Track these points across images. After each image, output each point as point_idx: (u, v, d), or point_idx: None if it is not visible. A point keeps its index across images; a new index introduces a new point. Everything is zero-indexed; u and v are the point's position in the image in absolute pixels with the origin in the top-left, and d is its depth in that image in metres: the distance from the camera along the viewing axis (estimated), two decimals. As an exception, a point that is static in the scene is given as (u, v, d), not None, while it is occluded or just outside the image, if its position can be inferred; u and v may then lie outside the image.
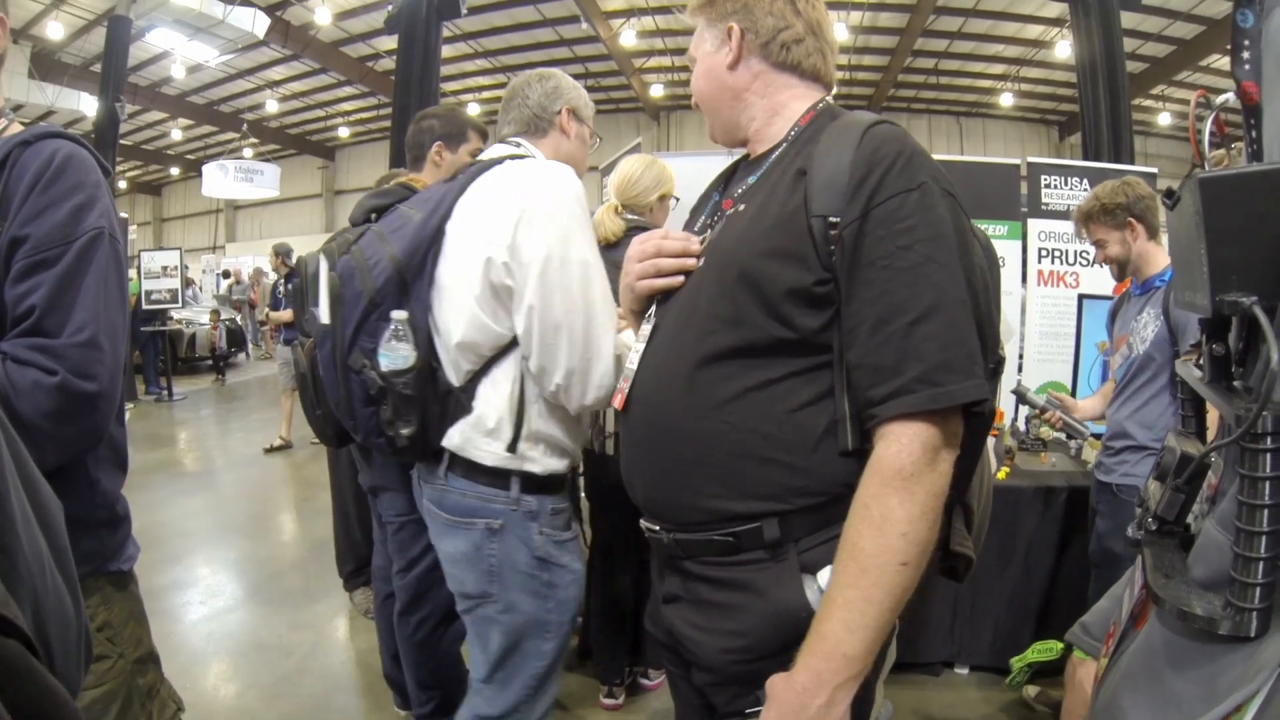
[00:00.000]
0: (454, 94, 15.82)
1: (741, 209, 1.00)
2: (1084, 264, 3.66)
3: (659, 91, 15.44)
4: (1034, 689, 2.53)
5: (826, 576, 0.89)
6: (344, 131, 18.71)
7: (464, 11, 8.22)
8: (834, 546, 0.87)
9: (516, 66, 14.73)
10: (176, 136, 17.94)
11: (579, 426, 1.46)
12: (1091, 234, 2.21)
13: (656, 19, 12.44)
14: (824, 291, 0.89)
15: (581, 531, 1.52)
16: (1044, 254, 3.71)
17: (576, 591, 1.45)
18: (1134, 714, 0.83)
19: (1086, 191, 3.29)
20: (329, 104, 16.99)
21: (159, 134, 17.96)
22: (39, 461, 0.55)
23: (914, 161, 0.87)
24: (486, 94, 16.44)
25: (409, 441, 1.37)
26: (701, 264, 1.01)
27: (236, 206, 21.71)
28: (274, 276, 6.56)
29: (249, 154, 17.60)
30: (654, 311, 1.07)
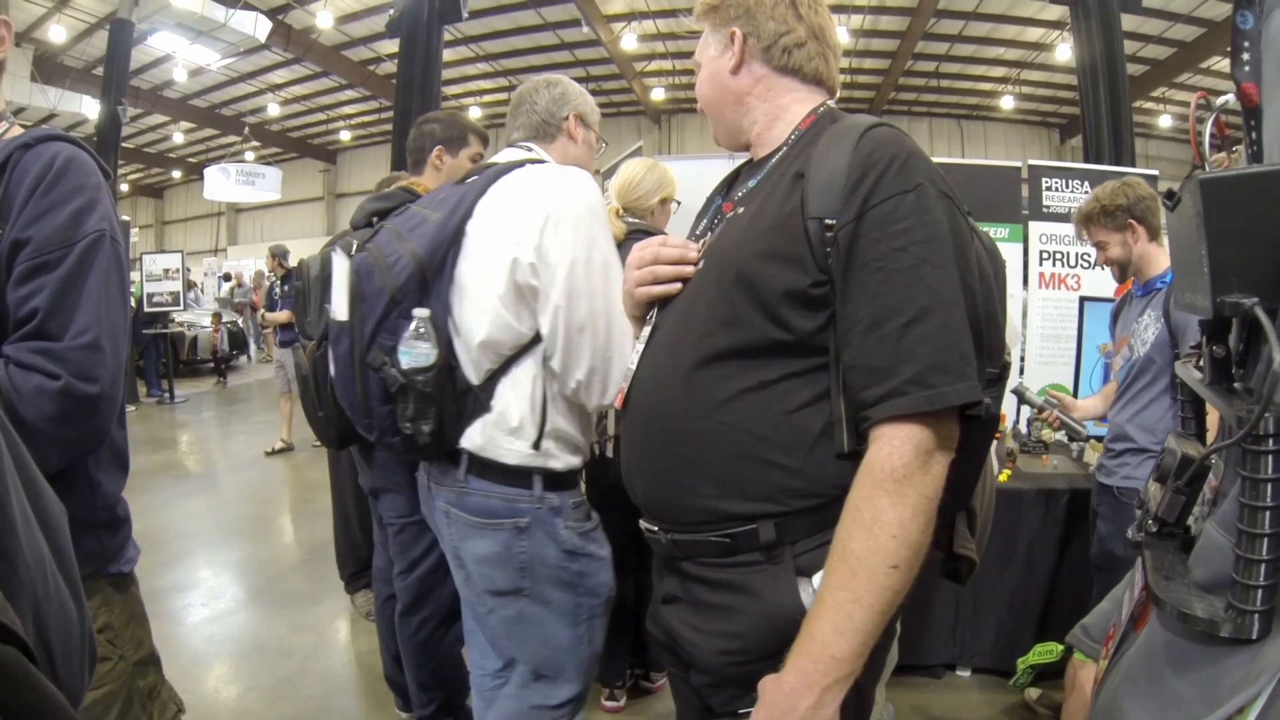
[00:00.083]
0: (455, 98, 15.84)
1: (741, 211, 1.00)
2: (1085, 266, 3.66)
3: (660, 95, 15.46)
4: (1036, 691, 2.53)
5: (821, 580, 0.89)
6: (345, 135, 18.75)
7: (465, 15, 8.24)
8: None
9: (518, 70, 14.77)
10: (178, 140, 17.98)
11: (590, 422, 1.49)
12: (1092, 236, 2.20)
13: (658, 23, 12.46)
14: (820, 293, 0.89)
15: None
16: (1045, 256, 3.72)
17: (606, 576, 1.49)
18: (1134, 716, 0.83)
19: (1087, 194, 3.28)
20: (330, 107, 17.02)
21: (161, 137, 17.99)
22: (41, 465, 0.55)
23: (910, 163, 0.87)
24: (488, 98, 16.47)
25: (431, 439, 1.38)
26: (701, 266, 1.02)
27: (238, 210, 21.73)
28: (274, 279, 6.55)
29: (251, 157, 17.59)
30: (654, 313, 1.07)
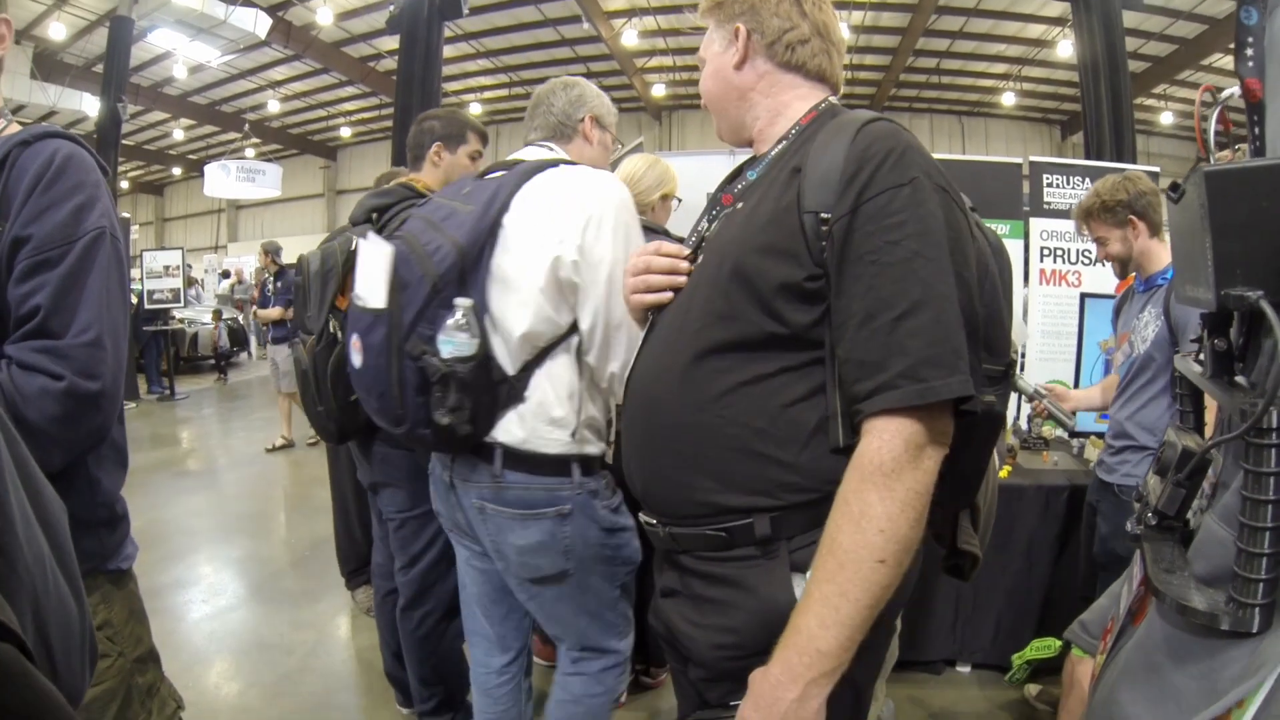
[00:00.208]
0: (456, 94, 15.82)
1: (739, 206, 1.01)
2: (1086, 263, 3.66)
3: (661, 91, 15.43)
4: (1035, 687, 2.53)
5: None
6: (346, 131, 18.73)
7: (465, 11, 8.24)
8: None
9: (518, 66, 14.76)
10: (178, 136, 17.96)
11: (610, 408, 1.55)
12: (1092, 231, 2.19)
13: (658, 19, 12.44)
14: (815, 287, 0.89)
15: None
16: (1046, 253, 3.71)
17: (637, 543, 1.54)
18: (1133, 709, 0.83)
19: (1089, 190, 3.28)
20: (331, 104, 17.00)
21: (161, 134, 17.97)
22: (44, 464, 0.55)
23: (906, 157, 0.87)
24: (488, 94, 16.46)
25: (472, 429, 1.39)
26: (700, 261, 1.02)
27: (238, 206, 21.73)
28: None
29: (251, 154, 17.61)
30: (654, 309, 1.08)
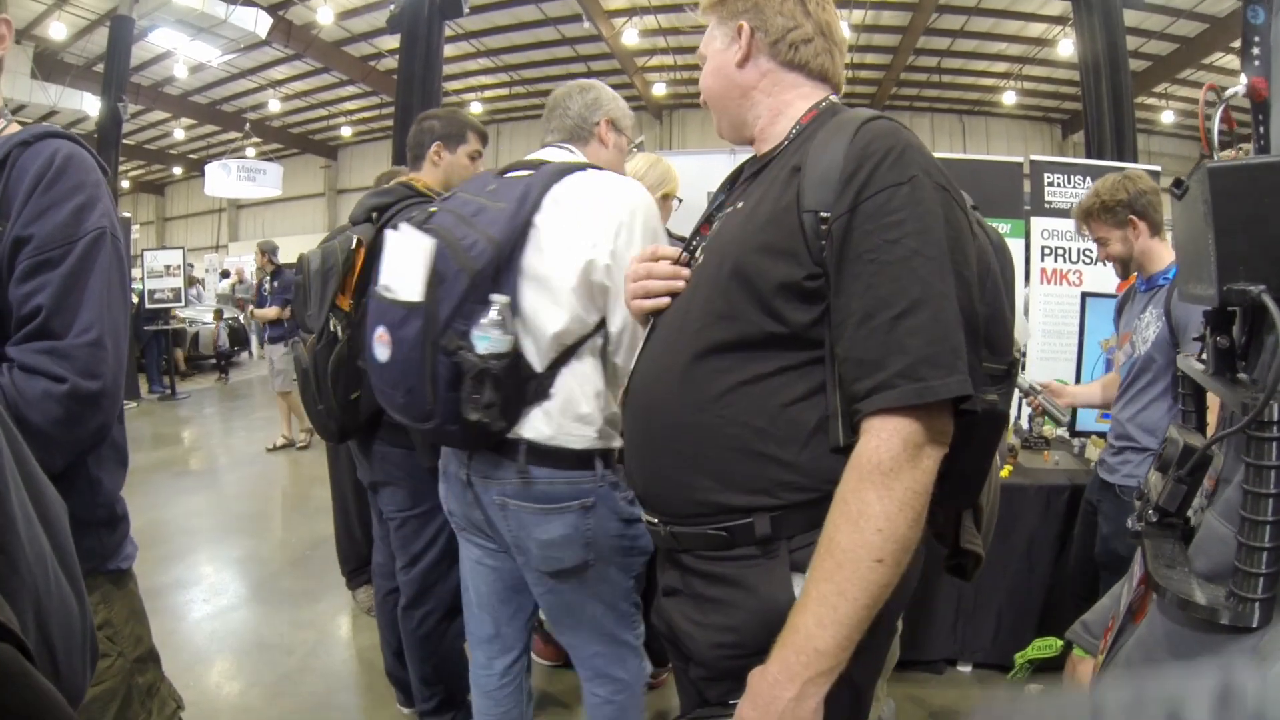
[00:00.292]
0: (456, 93, 15.82)
1: (740, 206, 1.01)
2: (1087, 262, 3.65)
3: (661, 90, 15.43)
4: (1036, 686, 2.52)
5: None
6: (346, 131, 18.73)
7: (466, 10, 8.24)
8: None
9: (519, 65, 14.76)
10: (179, 136, 17.97)
11: None
12: (1093, 232, 2.17)
13: (659, 18, 12.44)
14: (814, 286, 0.89)
15: None
16: (1047, 252, 3.71)
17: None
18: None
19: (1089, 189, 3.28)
20: (331, 103, 17.00)
21: (162, 134, 17.98)
22: (46, 466, 0.55)
23: (906, 156, 0.87)
24: (489, 93, 16.46)
25: (505, 425, 1.40)
26: (700, 261, 1.03)
27: (239, 206, 21.73)
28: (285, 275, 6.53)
29: (251, 153, 17.61)
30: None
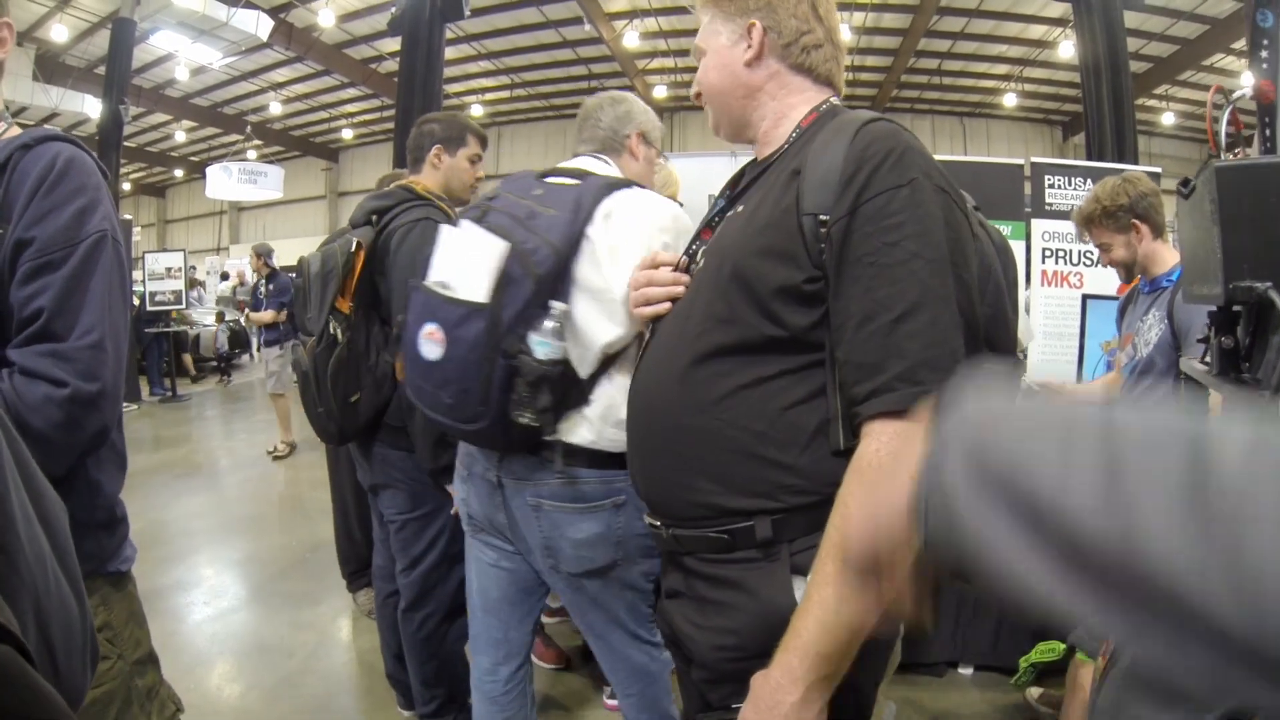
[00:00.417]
0: (457, 96, 15.84)
1: (740, 209, 1.01)
2: (1088, 264, 3.65)
3: (662, 93, 15.44)
4: (1037, 690, 2.52)
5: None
6: (348, 133, 18.76)
7: (467, 13, 8.24)
8: None
9: (520, 68, 14.78)
10: (180, 138, 18.01)
11: None
12: (1094, 238, 2.13)
13: (659, 20, 12.46)
14: (814, 289, 0.89)
15: None
16: (1048, 254, 3.71)
17: None
18: (1137, 710, 0.83)
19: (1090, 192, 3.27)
20: (332, 106, 17.04)
21: (163, 136, 18.02)
22: (47, 470, 0.55)
23: (905, 158, 0.87)
24: (490, 95, 16.48)
25: (554, 430, 1.40)
26: (700, 264, 1.03)
27: (240, 208, 21.77)
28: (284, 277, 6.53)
29: (253, 156, 17.63)
30: None
